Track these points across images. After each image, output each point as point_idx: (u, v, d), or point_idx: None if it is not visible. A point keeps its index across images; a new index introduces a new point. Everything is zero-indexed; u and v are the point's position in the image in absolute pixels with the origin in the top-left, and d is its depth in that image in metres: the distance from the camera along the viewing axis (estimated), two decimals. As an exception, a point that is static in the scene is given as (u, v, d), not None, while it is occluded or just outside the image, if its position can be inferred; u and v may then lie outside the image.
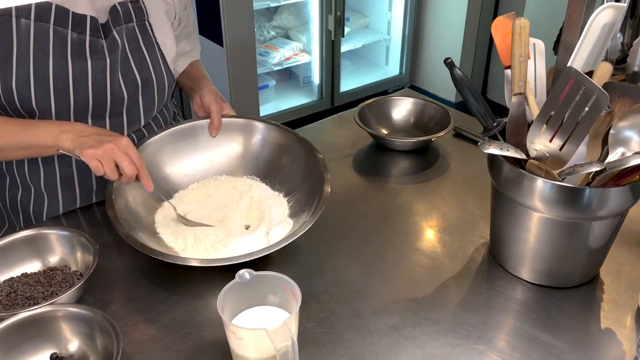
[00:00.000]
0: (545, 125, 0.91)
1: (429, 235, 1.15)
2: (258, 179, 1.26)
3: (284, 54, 3.29)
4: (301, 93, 3.51)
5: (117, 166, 1.04)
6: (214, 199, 1.22)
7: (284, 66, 3.33)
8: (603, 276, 1.04)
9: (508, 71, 1.01)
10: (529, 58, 0.98)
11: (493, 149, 0.90)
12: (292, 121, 3.19)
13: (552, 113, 0.89)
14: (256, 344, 0.82)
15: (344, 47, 3.42)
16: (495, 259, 1.07)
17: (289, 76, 3.61)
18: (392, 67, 3.80)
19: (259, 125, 1.28)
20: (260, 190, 1.22)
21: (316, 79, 3.44)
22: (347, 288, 1.02)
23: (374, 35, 3.73)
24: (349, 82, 3.58)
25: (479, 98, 1.00)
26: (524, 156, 0.92)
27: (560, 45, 1.06)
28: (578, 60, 0.95)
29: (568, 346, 0.91)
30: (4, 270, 1.01)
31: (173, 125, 1.25)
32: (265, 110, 3.24)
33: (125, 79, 1.17)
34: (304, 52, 3.38)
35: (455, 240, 1.13)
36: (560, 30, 1.11)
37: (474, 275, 1.05)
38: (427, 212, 1.22)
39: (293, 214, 1.15)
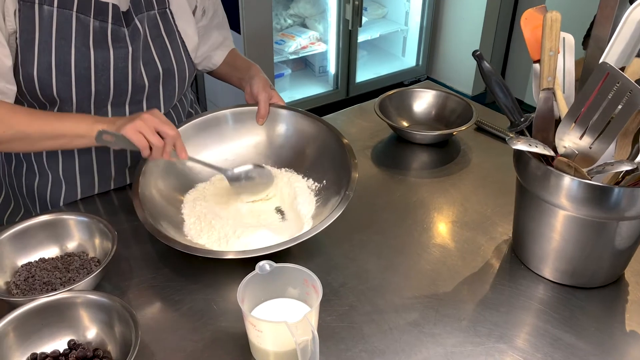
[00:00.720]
0: (575, 122, 0.89)
1: (450, 231, 1.13)
2: (295, 172, 1.22)
3: (300, 43, 3.27)
4: (316, 83, 3.48)
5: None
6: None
7: (300, 55, 3.30)
8: (628, 277, 1.02)
9: (536, 65, 0.99)
10: (558, 52, 0.96)
11: (521, 145, 0.88)
12: (307, 111, 3.16)
13: (583, 109, 0.87)
14: (276, 337, 0.81)
15: (361, 37, 3.38)
16: (518, 257, 1.06)
17: (305, 65, 3.58)
18: (408, 59, 3.76)
19: (283, 112, 1.26)
20: (294, 187, 1.19)
21: (332, 68, 3.42)
22: (367, 282, 1.01)
23: (391, 25, 3.69)
24: (364, 73, 3.55)
25: (507, 92, 0.98)
26: (552, 153, 0.90)
27: (591, 39, 1.04)
28: (611, 55, 0.93)
29: (592, 348, 0.89)
30: (22, 254, 1.01)
31: (195, 117, 1.24)
32: (279, 99, 3.21)
33: (146, 68, 1.16)
34: (320, 41, 3.35)
35: (477, 236, 1.11)
36: (591, 24, 1.08)
37: (495, 272, 1.03)
38: (447, 207, 1.20)
39: (316, 214, 1.12)
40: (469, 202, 1.21)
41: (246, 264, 0.91)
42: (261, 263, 0.85)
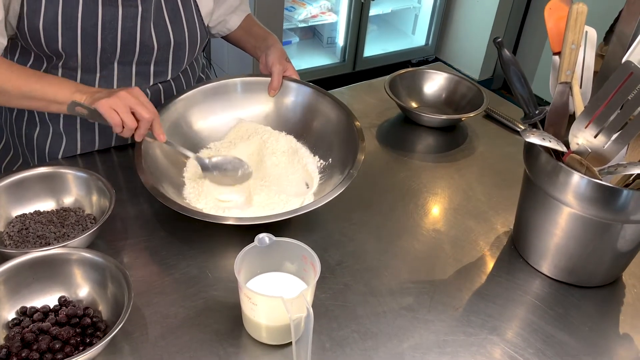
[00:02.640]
0: (591, 120, 0.87)
1: (451, 218, 1.12)
2: (303, 146, 1.20)
3: (310, 11, 3.21)
4: (323, 53, 3.43)
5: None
6: (251, 154, 1.17)
7: (310, 24, 3.25)
8: (625, 279, 1.01)
9: (556, 58, 0.97)
10: (580, 46, 0.94)
11: (535, 138, 0.87)
12: (312, 82, 3.12)
13: (601, 107, 0.85)
14: (270, 311, 0.80)
15: (373, 11, 3.33)
16: (517, 250, 1.05)
17: (313, 35, 3.52)
18: (418, 37, 3.71)
19: (294, 85, 1.24)
20: (303, 158, 1.17)
21: (340, 40, 3.36)
22: (364, 262, 1.00)
23: (404, 2, 3.63)
24: (372, 48, 3.49)
25: (525, 83, 0.95)
26: (565, 149, 0.89)
27: (614, 35, 1.01)
28: (635, 54, 0.91)
29: (584, 347, 0.89)
30: (17, 205, 0.99)
31: (204, 83, 1.21)
32: (285, 67, 3.16)
33: (156, 30, 1.13)
34: (331, 11, 3.30)
35: (478, 225, 1.10)
36: (615, 20, 1.05)
37: (493, 264, 1.03)
38: (450, 194, 1.18)
39: (319, 191, 1.10)
40: (472, 190, 1.19)
41: (242, 234, 0.89)
42: (261, 235, 0.84)
